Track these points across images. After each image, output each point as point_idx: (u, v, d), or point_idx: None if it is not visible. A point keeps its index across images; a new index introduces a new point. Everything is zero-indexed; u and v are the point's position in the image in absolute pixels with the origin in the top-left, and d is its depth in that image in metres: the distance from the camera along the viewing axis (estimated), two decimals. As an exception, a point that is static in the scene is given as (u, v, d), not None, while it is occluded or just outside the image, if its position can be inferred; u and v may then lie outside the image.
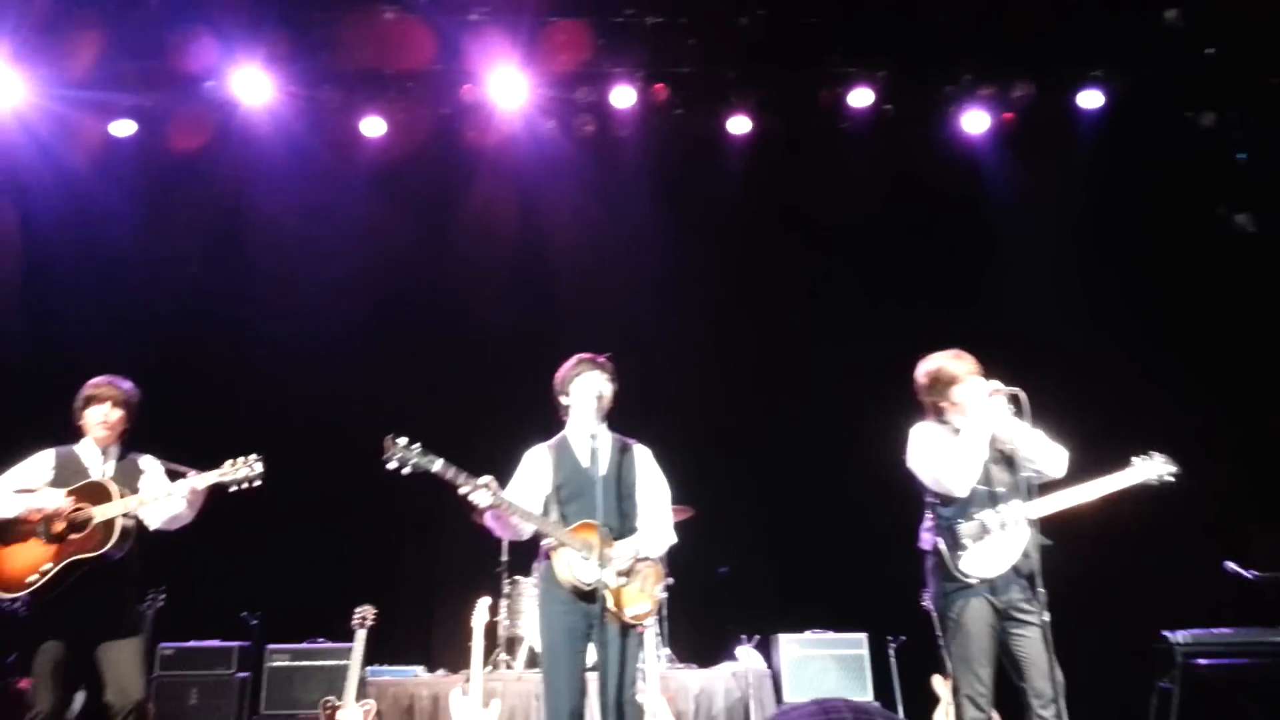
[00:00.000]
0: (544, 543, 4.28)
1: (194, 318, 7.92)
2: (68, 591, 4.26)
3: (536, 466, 4.38)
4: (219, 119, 7.64)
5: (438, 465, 4.05)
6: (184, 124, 7.66)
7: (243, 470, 4.42)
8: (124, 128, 7.61)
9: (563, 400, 4.43)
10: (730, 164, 8.14)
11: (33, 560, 4.27)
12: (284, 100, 7.57)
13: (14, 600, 4.26)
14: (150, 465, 4.69)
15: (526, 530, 4.26)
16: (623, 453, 4.41)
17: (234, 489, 4.45)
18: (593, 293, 8.17)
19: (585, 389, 4.34)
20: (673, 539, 4.49)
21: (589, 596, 4.09)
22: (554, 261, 8.25)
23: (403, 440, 4.04)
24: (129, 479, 4.56)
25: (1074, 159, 7.85)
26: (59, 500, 4.31)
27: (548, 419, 4.55)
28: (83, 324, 7.55)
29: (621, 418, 4.51)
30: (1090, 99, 7.72)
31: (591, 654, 4.19)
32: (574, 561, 4.14)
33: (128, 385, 4.66)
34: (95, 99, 7.42)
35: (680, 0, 7.22)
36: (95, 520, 4.31)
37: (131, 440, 4.71)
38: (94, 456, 4.56)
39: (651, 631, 6.22)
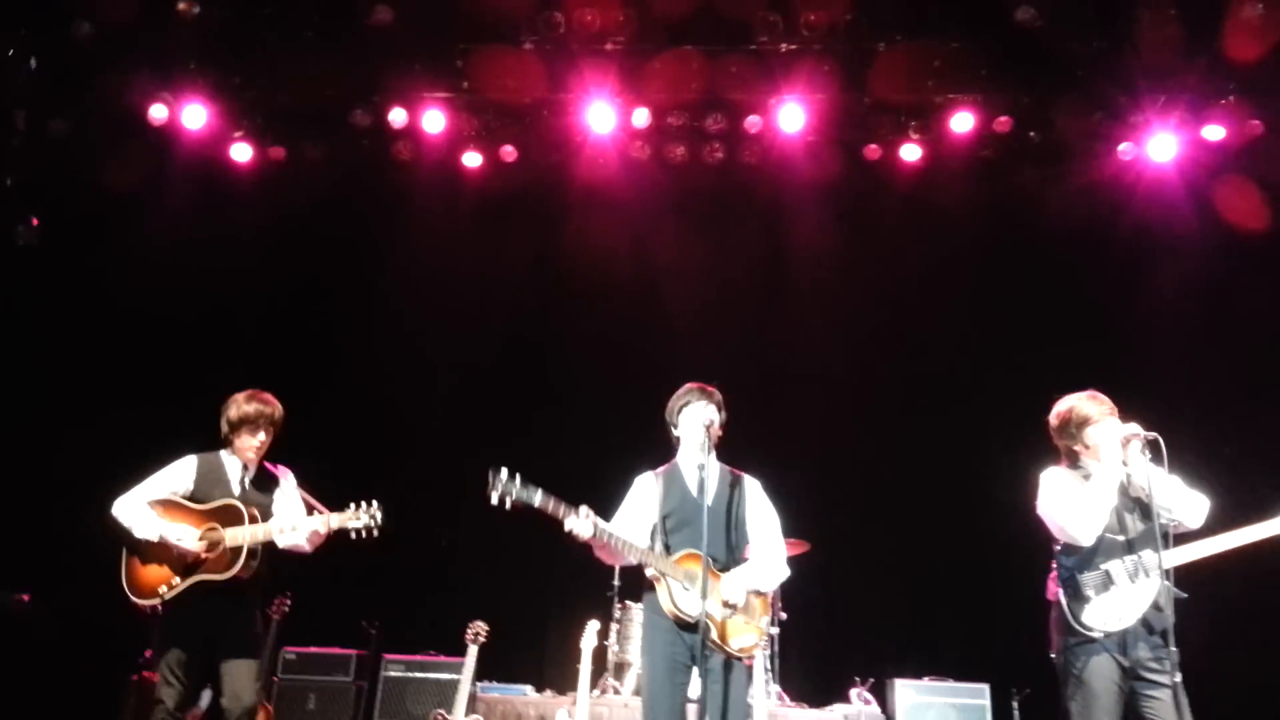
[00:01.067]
0: (647, 573, 4.24)
1: (321, 338, 8.22)
2: (193, 604, 4.51)
3: (644, 494, 4.38)
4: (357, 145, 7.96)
5: (538, 498, 4.03)
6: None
7: (364, 518, 4.54)
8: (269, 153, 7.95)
9: (673, 430, 4.41)
10: (865, 193, 7.99)
11: (165, 574, 4.54)
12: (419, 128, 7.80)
13: (145, 606, 4.58)
14: (287, 484, 4.85)
15: (631, 559, 4.23)
16: (732, 484, 4.37)
17: (354, 535, 4.58)
18: (718, 323, 8.12)
19: (693, 418, 4.30)
20: (785, 573, 4.39)
21: (692, 628, 4.03)
22: (677, 290, 8.22)
23: (504, 473, 4.00)
24: (265, 496, 4.75)
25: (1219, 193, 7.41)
26: (191, 543, 4.51)
27: (663, 448, 4.52)
28: (211, 333, 7.93)
29: (739, 449, 4.46)
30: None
31: (695, 687, 4.13)
32: (676, 592, 4.10)
33: (276, 403, 4.78)
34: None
35: (815, 26, 7.11)
36: (225, 544, 4.51)
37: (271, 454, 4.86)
38: (235, 469, 4.75)
39: (760, 667, 6.10)
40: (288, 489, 4.84)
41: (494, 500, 4.00)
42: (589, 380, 8.19)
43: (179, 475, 4.70)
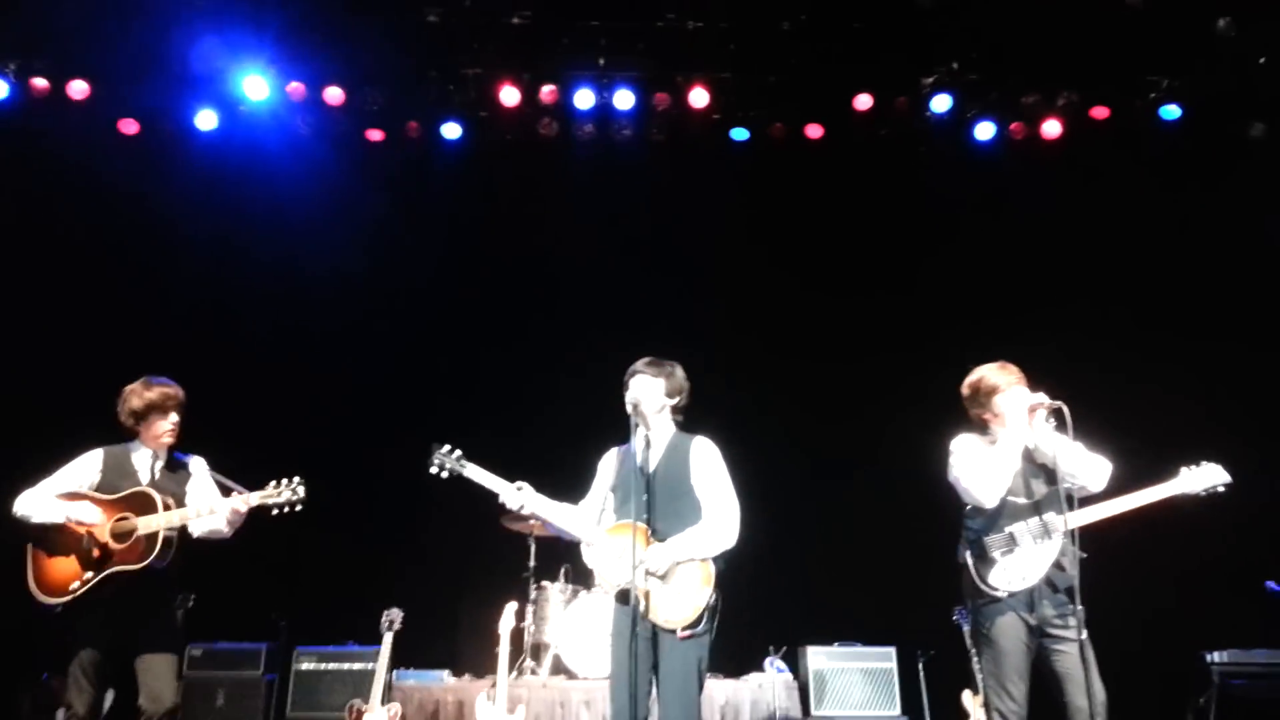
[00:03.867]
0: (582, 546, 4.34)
1: (225, 321, 7.95)
2: (107, 599, 4.30)
3: (603, 469, 4.48)
4: (268, 120, 7.71)
5: (475, 472, 4.28)
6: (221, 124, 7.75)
7: (285, 494, 4.43)
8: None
9: (628, 403, 4.40)
10: (770, 169, 8.08)
11: (75, 568, 4.32)
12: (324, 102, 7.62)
13: (55, 604, 4.32)
14: (199, 470, 4.68)
15: (572, 531, 4.32)
16: (682, 451, 4.31)
17: (276, 512, 4.46)
18: (636, 298, 8.10)
19: (635, 391, 4.33)
20: (730, 539, 4.17)
21: (623, 598, 4.03)
22: (593, 266, 8.16)
23: (446, 447, 4.33)
24: (177, 484, 4.58)
25: (1116, 168, 7.74)
26: (97, 518, 4.33)
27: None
28: (114, 322, 7.62)
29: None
30: (1136, 108, 7.66)
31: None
32: (602, 561, 4.17)
33: (178, 386, 4.64)
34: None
35: (721, 6, 7.18)
36: (139, 532, 4.32)
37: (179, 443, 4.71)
38: (144, 459, 4.57)
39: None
40: (199, 474, 4.67)
41: (432, 471, 4.29)
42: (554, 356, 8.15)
43: (84, 469, 4.51)
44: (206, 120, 7.64)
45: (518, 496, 4.21)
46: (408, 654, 6.62)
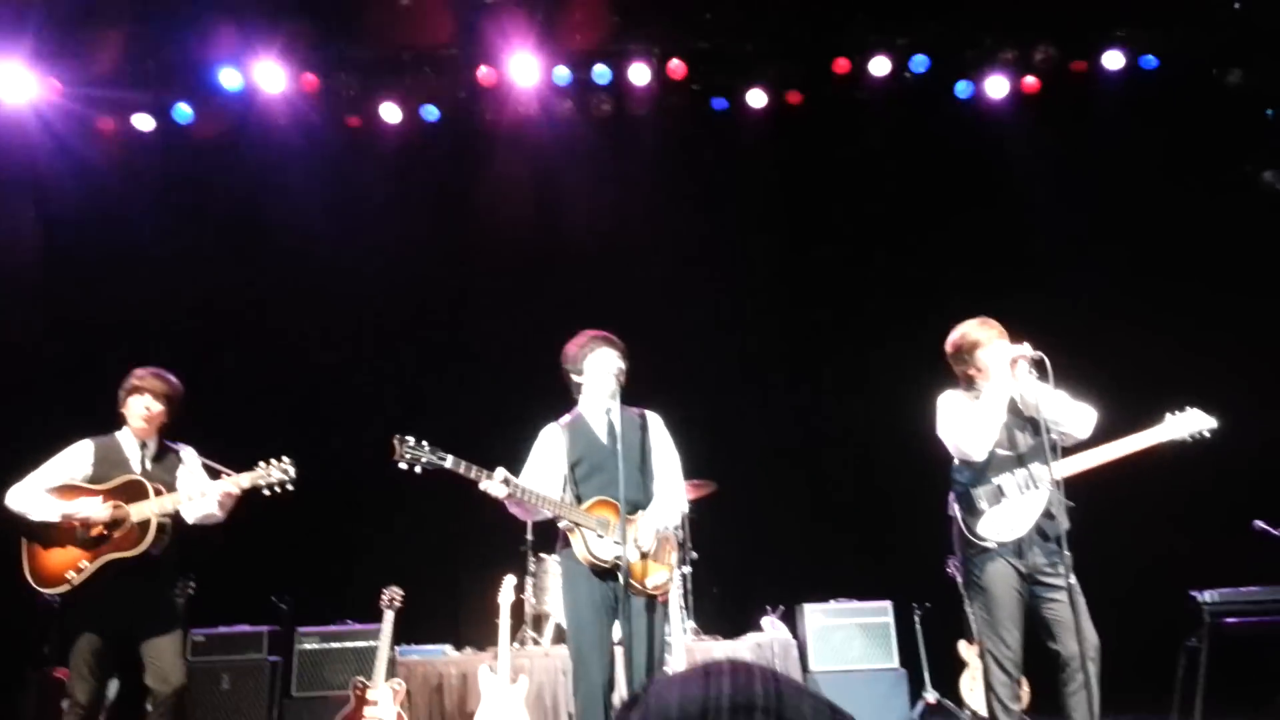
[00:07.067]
0: (561, 524, 4.27)
1: (214, 310, 7.95)
2: (105, 587, 4.31)
3: (551, 446, 4.37)
4: (237, 110, 7.64)
5: (449, 462, 4.03)
6: (201, 116, 7.67)
7: (275, 474, 4.44)
8: (143, 122, 7.65)
9: (575, 378, 4.41)
10: (748, 139, 8.07)
11: (71, 558, 4.32)
12: (300, 89, 7.55)
13: (53, 595, 4.34)
14: (189, 457, 4.70)
15: (547, 512, 4.25)
16: (640, 426, 4.40)
17: (267, 492, 4.48)
18: (611, 272, 8.15)
19: (601, 365, 4.31)
20: (684, 507, 4.48)
21: (610, 573, 4.11)
22: (571, 241, 8.21)
23: (410, 439, 3.99)
24: (167, 472, 4.59)
25: (1097, 120, 7.75)
26: (95, 510, 4.34)
27: (560, 399, 4.54)
28: (101, 317, 7.62)
29: (640, 396, 4.51)
30: (1113, 60, 7.62)
31: (617, 630, 4.21)
32: (591, 540, 4.15)
33: (173, 380, 4.66)
34: (114, 95, 7.47)
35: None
36: (132, 519, 4.34)
37: (170, 433, 4.73)
38: (133, 448, 4.58)
39: (676, 603, 6.24)
40: (190, 462, 4.69)
41: (403, 466, 3.98)
42: (482, 333, 8.18)
43: (75, 460, 4.51)
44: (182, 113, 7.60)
45: (500, 486, 4.00)
46: (410, 630, 6.68)
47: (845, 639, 6.81)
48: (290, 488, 4.48)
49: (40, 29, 6.87)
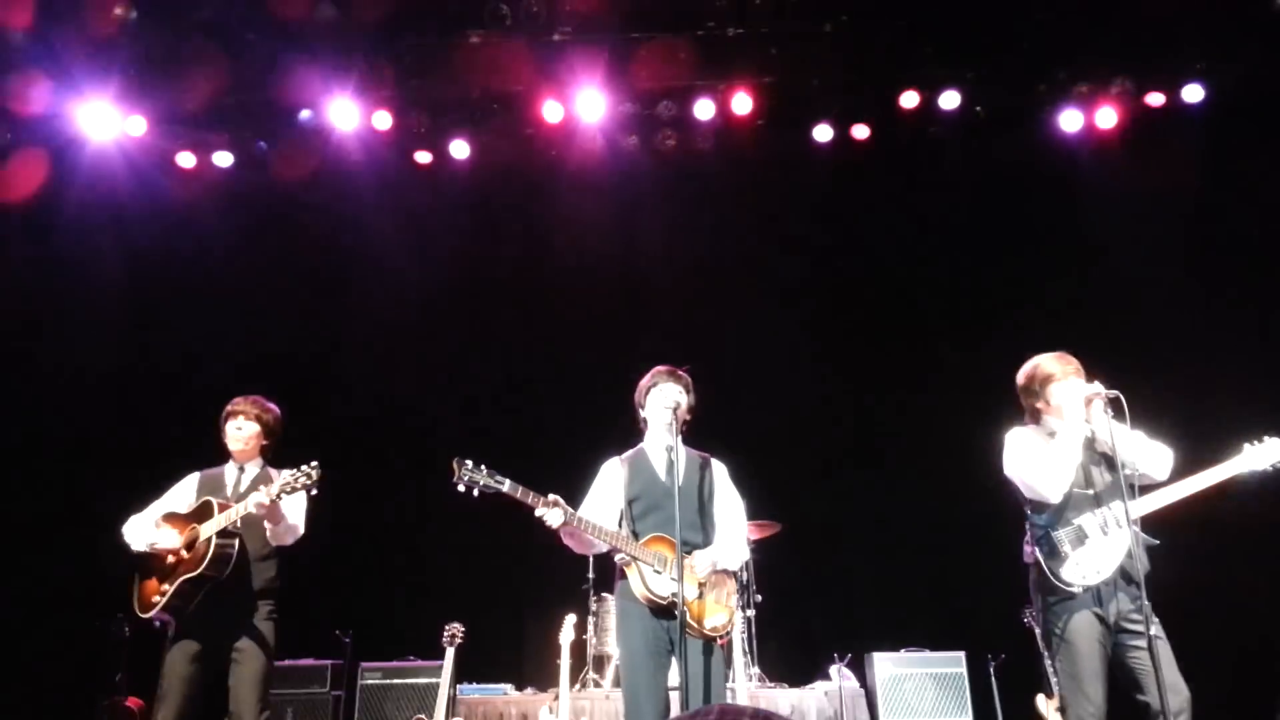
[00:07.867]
0: (617, 559, 4.21)
1: (289, 344, 8.09)
2: (196, 609, 4.40)
3: (611, 480, 4.35)
4: (316, 148, 7.82)
5: (506, 485, 4.00)
6: (282, 155, 7.88)
7: (301, 479, 4.43)
8: (223, 159, 7.87)
9: (641, 412, 4.40)
10: (816, 174, 8.02)
11: (155, 584, 4.49)
12: (372, 128, 7.70)
13: (149, 619, 4.49)
14: (275, 478, 4.71)
15: (601, 546, 4.21)
16: (701, 467, 4.36)
17: (289, 492, 4.42)
18: (680, 306, 8.13)
19: (661, 400, 4.27)
20: (746, 554, 4.42)
21: (666, 611, 4.03)
22: (639, 275, 8.21)
23: (469, 462, 3.99)
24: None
25: (1177, 154, 7.53)
26: (171, 541, 4.46)
27: (630, 433, 4.51)
28: (180, 350, 7.81)
29: (708, 433, 4.45)
30: (1192, 93, 7.41)
31: (674, 675, 4.11)
32: (648, 575, 4.07)
33: (267, 404, 4.81)
34: (196, 134, 7.72)
35: (762, 10, 7.14)
36: (200, 539, 4.42)
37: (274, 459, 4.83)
38: (233, 475, 4.72)
39: (739, 649, 6.11)
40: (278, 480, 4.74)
41: (460, 489, 3.97)
42: (556, 367, 8.22)
43: (182, 492, 4.70)
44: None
45: (556, 512, 3.97)
46: (471, 668, 6.66)
47: (917, 690, 6.60)
48: (314, 492, 4.46)
49: (125, 69, 7.13)
